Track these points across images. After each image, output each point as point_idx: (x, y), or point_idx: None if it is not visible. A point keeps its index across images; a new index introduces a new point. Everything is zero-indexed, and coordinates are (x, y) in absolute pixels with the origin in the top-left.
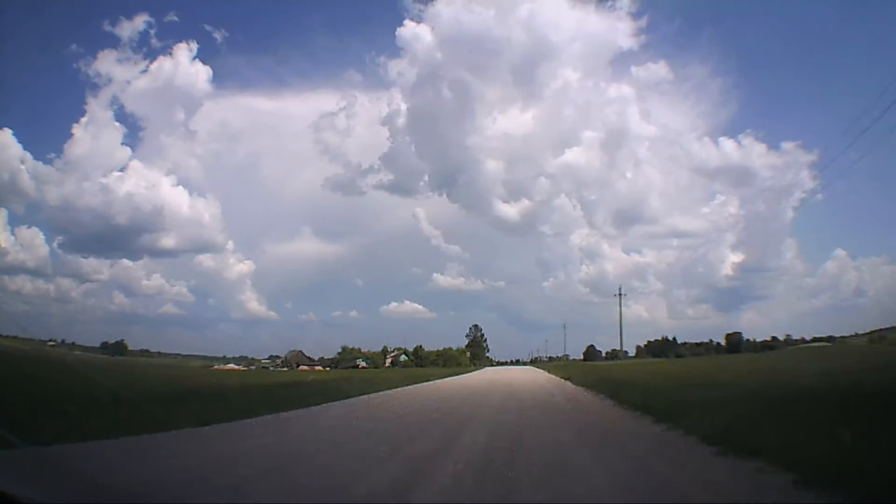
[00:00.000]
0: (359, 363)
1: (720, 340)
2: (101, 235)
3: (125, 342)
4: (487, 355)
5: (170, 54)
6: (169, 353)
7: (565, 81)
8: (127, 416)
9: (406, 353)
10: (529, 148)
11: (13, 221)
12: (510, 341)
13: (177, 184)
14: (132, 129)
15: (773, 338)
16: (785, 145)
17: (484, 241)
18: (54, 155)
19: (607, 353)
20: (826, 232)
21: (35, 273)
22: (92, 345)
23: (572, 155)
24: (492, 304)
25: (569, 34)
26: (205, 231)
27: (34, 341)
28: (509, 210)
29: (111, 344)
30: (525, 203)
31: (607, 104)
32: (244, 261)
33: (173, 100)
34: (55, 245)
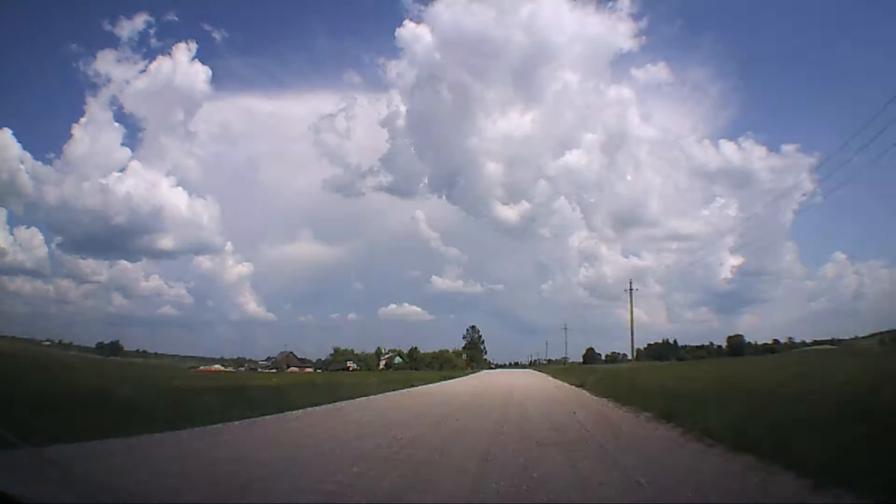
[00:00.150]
0: (349, 365)
1: (719, 343)
2: (100, 236)
3: (120, 342)
4: (485, 358)
5: (169, 54)
6: (166, 354)
7: (565, 83)
8: None
9: (401, 355)
10: (529, 150)
11: (12, 221)
12: (508, 344)
13: (176, 185)
14: (131, 130)
15: (775, 340)
16: (785, 148)
17: (483, 244)
18: (54, 155)
19: (607, 356)
20: (825, 235)
21: (34, 274)
22: (88, 345)
23: (572, 157)
24: (490, 307)
25: (569, 36)
26: (204, 232)
27: (29, 341)
28: (508, 212)
29: (106, 344)
30: (524, 205)
31: (607, 106)
32: (243, 262)
33: (173, 100)
34: (54, 246)
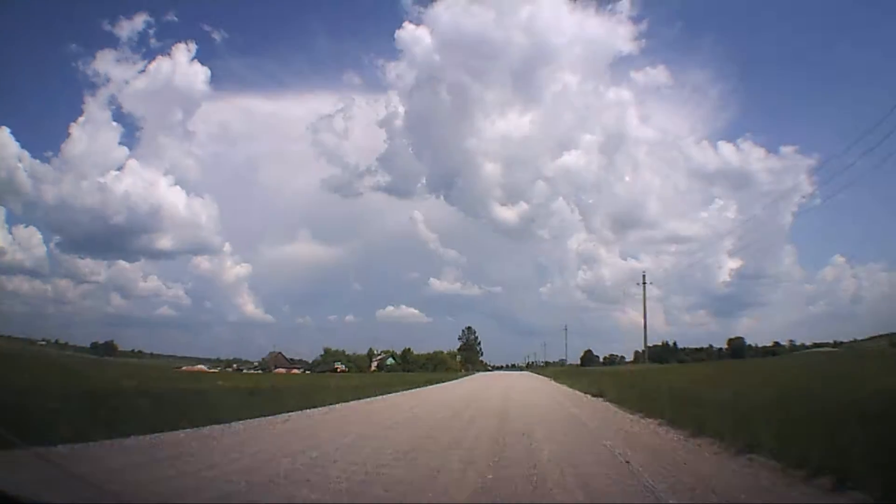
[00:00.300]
0: (336, 366)
1: (718, 346)
2: (99, 235)
3: (114, 342)
4: (481, 359)
5: (168, 55)
6: (162, 354)
7: (564, 85)
8: None
9: (394, 357)
10: (527, 151)
11: (11, 220)
12: (505, 346)
13: (174, 184)
14: (130, 129)
15: (776, 343)
16: (784, 149)
17: (481, 245)
18: (52, 154)
19: (605, 358)
20: (824, 238)
21: (32, 273)
22: (84, 345)
23: (570, 158)
24: (488, 309)
25: (568, 38)
26: (202, 232)
27: (26, 340)
28: (507, 213)
29: (101, 344)
30: (523, 206)
31: (606, 108)
32: (241, 263)
33: (171, 100)
34: (52, 245)
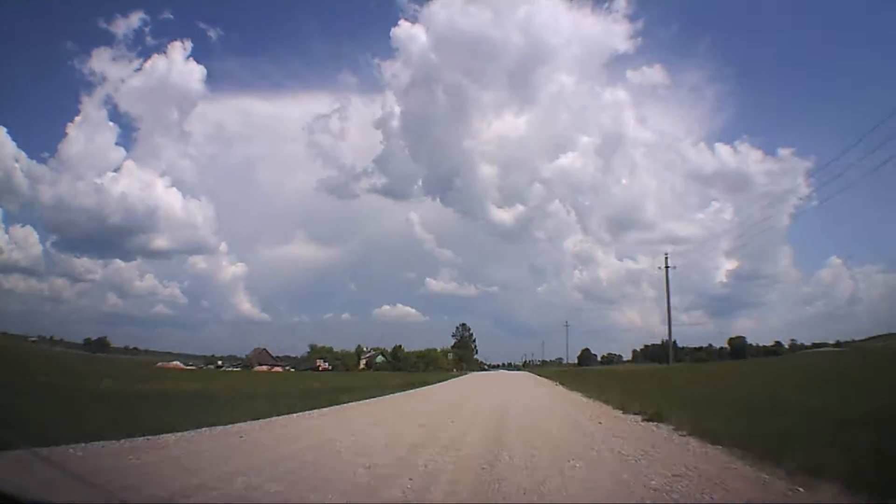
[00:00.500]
0: (319, 364)
1: (715, 345)
2: (95, 235)
3: (107, 339)
4: (476, 357)
5: (164, 53)
6: (157, 352)
7: (561, 85)
8: None
9: (384, 354)
10: (524, 152)
11: (7, 220)
12: (502, 345)
13: (171, 185)
14: (126, 130)
15: (777, 342)
16: (781, 151)
17: (477, 247)
18: (48, 154)
19: (603, 357)
20: (821, 239)
21: (29, 272)
22: (77, 342)
23: (567, 160)
24: (485, 309)
25: (564, 37)
26: (198, 233)
27: (19, 337)
28: (503, 215)
29: (93, 341)
30: (519, 208)
31: (603, 109)
32: (237, 263)
33: (167, 100)
34: (49, 244)
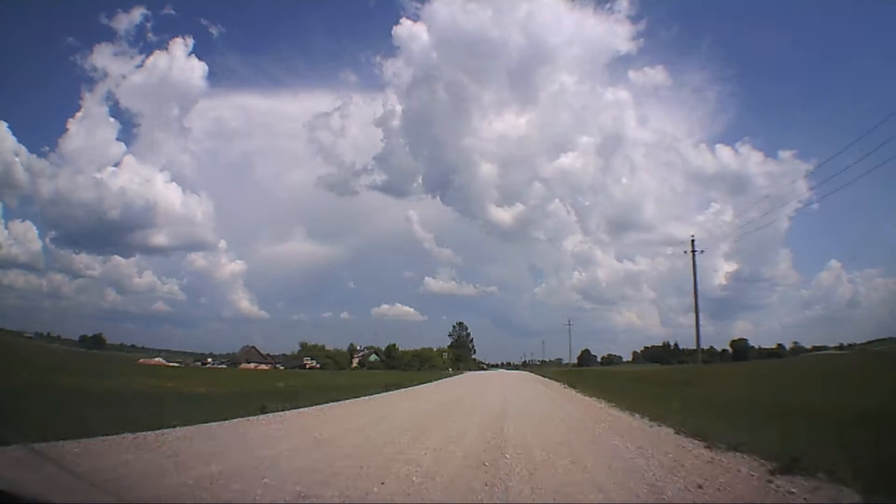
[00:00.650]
0: (306, 362)
1: (712, 346)
2: (94, 231)
3: (102, 335)
4: (474, 357)
5: (166, 49)
6: (154, 349)
7: (562, 85)
8: None
9: (377, 353)
10: (524, 151)
11: (7, 215)
12: (501, 345)
13: (170, 181)
14: (127, 125)
15: (779, 345)
16: (782, 154)
17: (476, 246)
18: (49, 149)
19: (603, 358)
20: (820, 243)
21: (28, 267)
22: (72, 338)
23: (567, 160)
24: (483, 309)
25: (566, 37)
26: (197, 229)
27: (15, 333)
28: (503, 214)
29: (89, 337)
30: (519, 207)
31: (604, 108)
32: (236, 260)
33: (168, 96)
34: (48, 240)
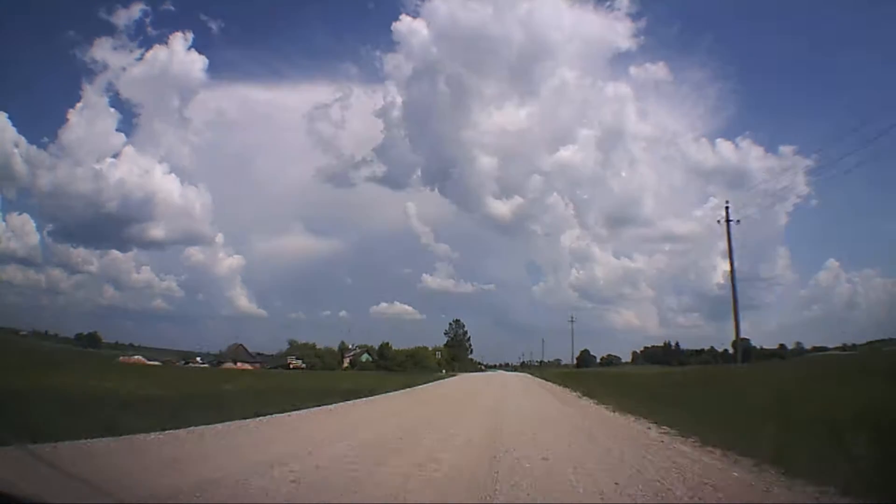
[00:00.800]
0: (290, 362)
1: (711, 346)
2: (92, 224)
3: (98, 333)
4: (470, 357)
5: (165, 43)
6: (151, 348)
7: (562, 79)
8: None
9: (370, 352)
10: (524, 145)
11: (5, 207)
12: (499, 345)
13: (169, 171)
14: (127, 116)
15: (781, 345)
16: (782, 149)
17: (474, 241)
18: (48, 140)
19: (602, 359)
20: (819, 242)
21: (26, 262)
22: (68, 336)
23: (567, 153)
24: (481, 307)
25: (567, 33)
26: (194, 222)
27: (9, 331)
28: (501, 207)
29: (85, 335)
30: (517, 200)
31: (604, 103)
32: (234, 255)
33: (168, 88)
34: (45, 233)
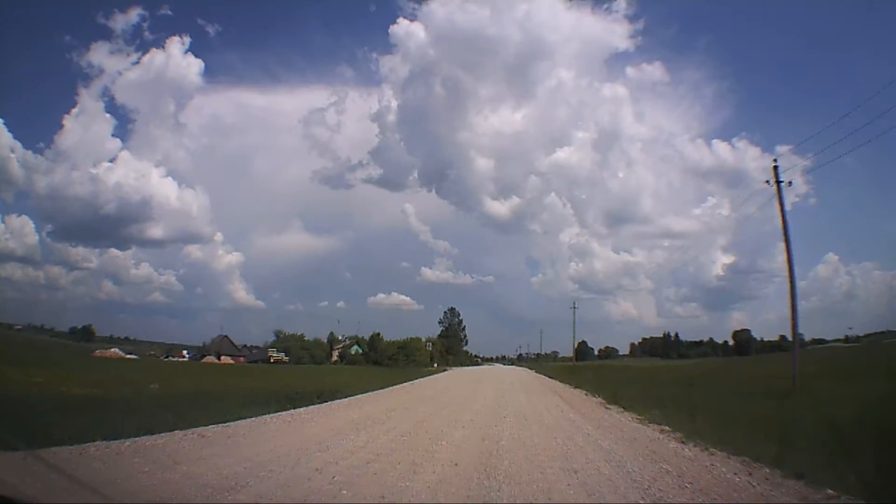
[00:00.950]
0: (271, 355)
1: (710, 337)
2: (90, 225)
3: (92, 327)
4: (466, 349)
5: (162, 47)
6: (148, 342)
7: (559, 80)
8: None
9: (360, 344)
10: (521, 146)
11: (3, 210)
12: (495, 338)
13: (166, 175)
14: (122, 121)
15: (782, 336)
16: (779, 149)
17: (473, 238)
18: (44, 145)
19: (601, 351)
20: (817, 236)
21: (24, 261)
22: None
23: (564, 154)
24: (479, 299)
25: (563, 34)
26: (193, 222)
27: (6, 325)
28: (499, 207)
29: (79, 329)
30: (515, 201)
31: (601, 104)
32: (233, 252)
33: (164, 92)
34: (44, 233)
